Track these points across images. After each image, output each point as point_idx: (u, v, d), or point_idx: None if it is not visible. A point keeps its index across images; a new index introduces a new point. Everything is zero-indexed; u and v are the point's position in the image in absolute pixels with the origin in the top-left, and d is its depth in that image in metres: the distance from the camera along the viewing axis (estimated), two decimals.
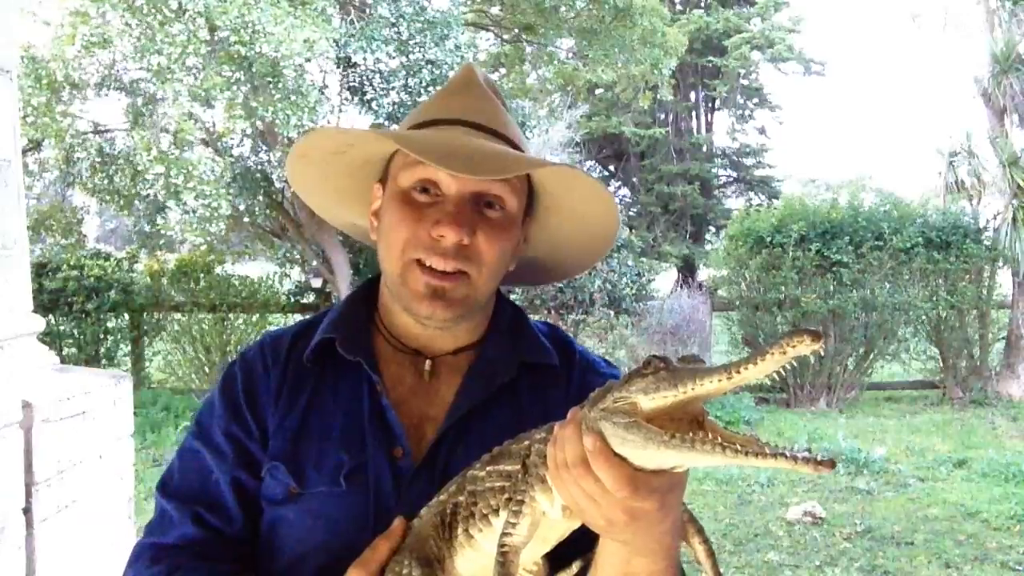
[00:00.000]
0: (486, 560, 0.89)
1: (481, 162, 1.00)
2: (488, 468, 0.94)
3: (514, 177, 1.07)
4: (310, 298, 10.15)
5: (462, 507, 0.94)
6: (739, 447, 0.73)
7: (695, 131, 23.37)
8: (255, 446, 1.09)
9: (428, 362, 1.12)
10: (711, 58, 21.85)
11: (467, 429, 1.07)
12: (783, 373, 0.73)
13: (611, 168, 24.25)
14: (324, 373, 1.12)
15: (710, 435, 0.75)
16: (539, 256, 1.23)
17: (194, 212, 7.70)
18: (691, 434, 0.75)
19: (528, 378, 1.13)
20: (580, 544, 0.95)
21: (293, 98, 7.54)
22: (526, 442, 0.92)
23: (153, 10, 7.10)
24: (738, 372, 0.72)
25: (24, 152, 8.08)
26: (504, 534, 0.87)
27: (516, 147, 1.11)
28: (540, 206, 1.16)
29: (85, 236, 11.82)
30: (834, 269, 9.23)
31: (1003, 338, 9.95)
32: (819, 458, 0.70)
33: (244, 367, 1.14)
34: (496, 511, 0.91)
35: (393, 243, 1.06)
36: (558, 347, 1.18)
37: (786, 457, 0.71)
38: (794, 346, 0.69)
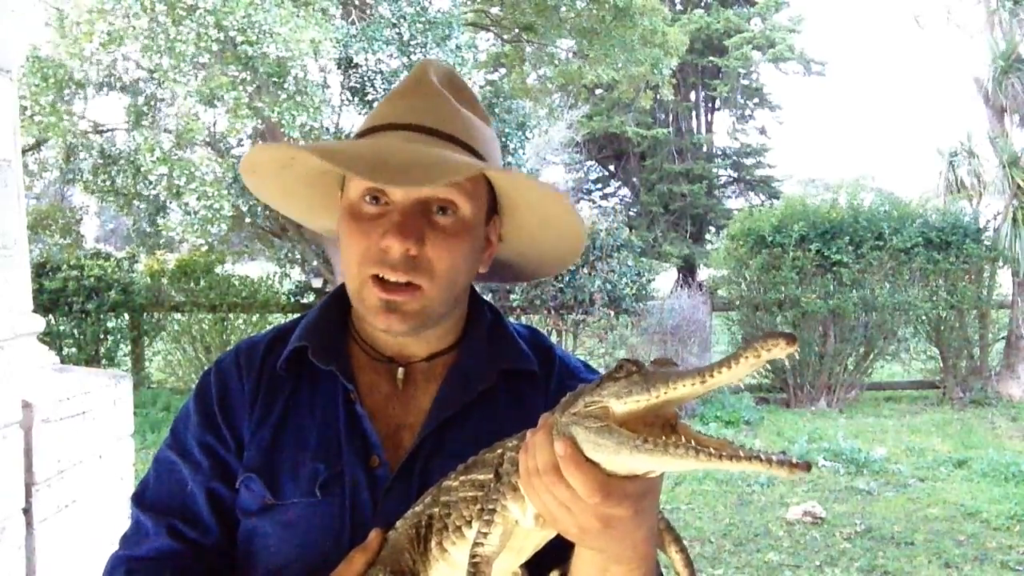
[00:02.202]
0: (461, 573, 0.87)
1: (412, 171, 0.96)
2: (461, 478, 0.92)
3: (465, 179, 1.03)
4: (310, 298, 10.15)
5: (436, 519, 0.93)
6: (713, 450, 0.71)
7: (695, 131, 23.39)
8: (231, 457, 1.07)
9: (401, 369, 1.10)
10: (711, 58, 21.88)
11: (444, 438, 1.05)
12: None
13: (611, 168, 24.28)
14: (299, 381, 1.10)
15: (683, 438, 0.74)
16: (519, 253, 1.19)
17: (195, 213, 7.70)
18: (664, 438, 0.74)
19: (507, 384, 1.10)
20: (557, 554, 0.94)
21: (298, 98, 7.55)
22: (499, 450, 0.90)
23: (166, 7, 7.09)
24: (711, 376, 0.70)
25: (24, 152, 8.08)
26: (475, 544, 0.86)
27: (468, 147, 1.05)
28: (507, 205, 1.12)
29: (84, 236, 11.83)
30: (834, 269, 9.23)
31: (1003, 338, 9.95)
32: (794, 461, 0.69)
33: (218, 376, 1.12)
34: (469, 522, 0.89)
35: (349, 259, 1.04)
36: (538, 352, 1.15)
37: (760, 460, 0.69)
38: (768, 349, 0.67)
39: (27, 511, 2.48)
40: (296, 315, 1.27)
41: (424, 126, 1.05)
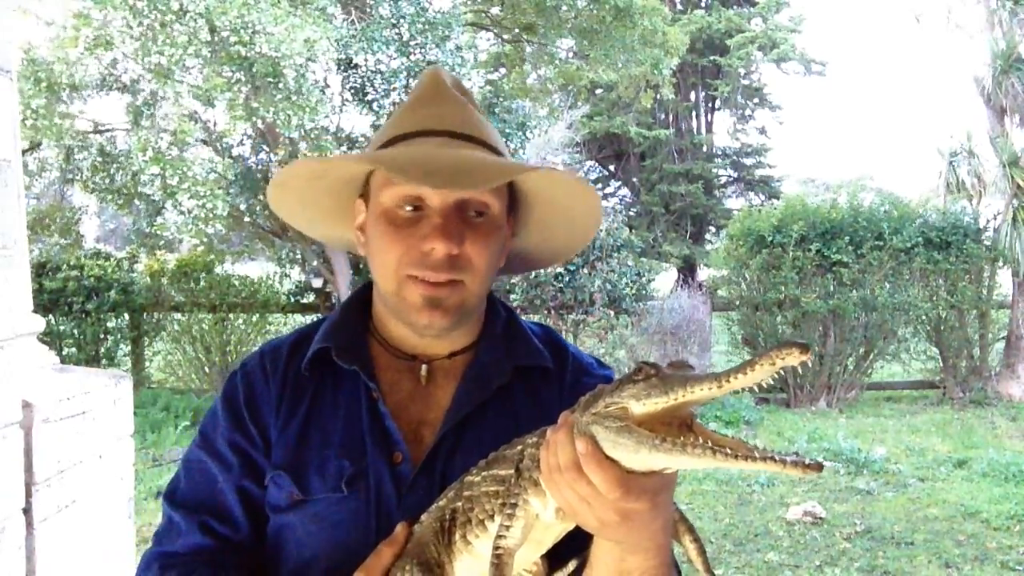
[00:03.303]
0: (484, 565, 0.91)
1: (464, 175, 1.01)
2: (483, 473, 0.96)
3: None
4: (310, 298, 10.15)
5: (459, 513, 0.96)
6: (729, 450, 0.75)
7: (696, 131, 23.36)
8: (259, 455, 1.12)
9: (424, 367, 1.14)
10: (712, 58, 21.86)
11: (464, 434, 1.09)
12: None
13: (611, 168, 24.26)
14: (323, 381, 1.14)
15: (700, 439, 0.77)
16: (526, 247, 1.24)
17: (189, 212, 7.69)
18: (682, 438, 0.78)
19: (522, 381, 1.15)
20: (576, 543, 0.97)
21: (294, 98, 7.54)
22: (519, 447, 0.94)
23: (155, 11, 7.09)
24: (728, 381, 0.74)
25: (24, 152, 8.08)
26: (498, 536, 0.90)
27: (495, 149, 1.12)
28: (523, 202, 1.17)
29: (84, 236, 11.83)
30: (834, 269, 9.23)
31: (1003, 338, 9.94)
32: (807, 461, 0.72)
33: (245, 377, 1.16)
34: (492, 516, 0.93)
35: (386, 262, 1.08)
36: (551, 349, 1.20)
37: (774, 460, 0.73)
38: (783, 358, 0.71)
39: (27, 511, 2.48)
40: (296, 315, 1.30)
41: (455, 132, 1.10)
